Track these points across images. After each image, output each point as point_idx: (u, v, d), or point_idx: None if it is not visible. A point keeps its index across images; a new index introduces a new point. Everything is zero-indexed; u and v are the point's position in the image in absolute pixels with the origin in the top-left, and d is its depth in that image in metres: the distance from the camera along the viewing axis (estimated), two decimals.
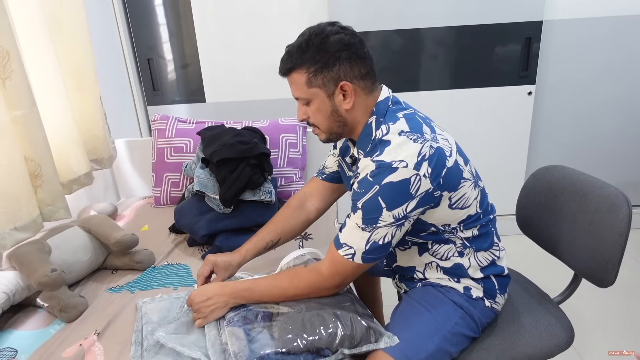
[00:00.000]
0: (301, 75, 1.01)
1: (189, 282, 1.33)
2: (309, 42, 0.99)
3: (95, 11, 2.07)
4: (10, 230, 1.25)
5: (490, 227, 1.12)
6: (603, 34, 2.39)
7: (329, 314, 0.97)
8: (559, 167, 1.33)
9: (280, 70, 1.06)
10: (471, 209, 1.05)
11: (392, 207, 0.94)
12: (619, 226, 1.07)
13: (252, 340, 0.93)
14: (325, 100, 1.02)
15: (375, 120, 1.03)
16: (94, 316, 1.18)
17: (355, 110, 1.04)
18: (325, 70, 0.99)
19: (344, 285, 1.07)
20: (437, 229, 1.06)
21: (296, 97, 1.06)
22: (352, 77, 1.00)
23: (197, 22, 2.39)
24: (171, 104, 2.57)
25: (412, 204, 0.95)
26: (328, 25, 1.01)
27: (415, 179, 0.93)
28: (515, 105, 2.46)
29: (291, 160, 1.93)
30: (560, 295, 1.31)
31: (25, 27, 1.40)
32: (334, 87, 1.00)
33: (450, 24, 2.33)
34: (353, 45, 0.99)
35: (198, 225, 1.49)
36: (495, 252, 1.13)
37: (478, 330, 1.12)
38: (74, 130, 1.59)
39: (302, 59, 1.00)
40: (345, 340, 0.93)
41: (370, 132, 1.03)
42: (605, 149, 2.62)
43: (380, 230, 0.96)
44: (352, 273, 1.03)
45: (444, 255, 1.11)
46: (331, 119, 1.05)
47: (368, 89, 1.04)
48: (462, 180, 1.01)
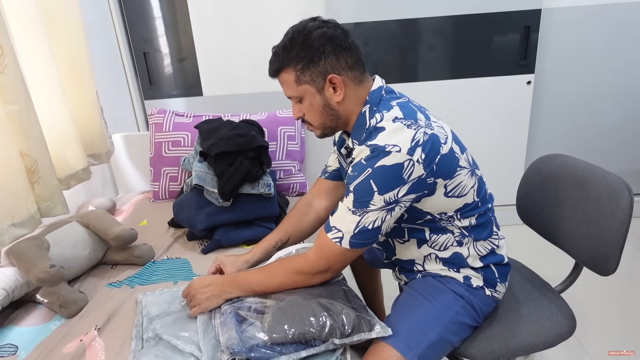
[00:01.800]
0: (289, 74, 1.02)
1: (189, 276, 1.32)
2: (293, 40, 1.01)
3: (89, 5, 2.04)
4: (8, 227, 1.24)
5: (489, 216, 1.12)
6: (602, 22, 2.37)
7: (319, 304, 0.97)
8: (559, 155, 1.33)
9: (269, 73, 1.07)
10: (468, 197, 1.04)
11: (384, 190, 0.94)
12: (620, 214, 1.06)
13: (243, 332, 0.93)
14: (316, 95, 1.03)
15: (369, 109, 1.03)
16: (94, 311, 1.18)
17: (347, 101, 1.04)
18: (311, 65, 1.00)
19: (332, 272, 1.06)
20: (433, 217, 1.06)
21: (288, 96, 1.07)
22: (340, 69, 1.01)
23: (193, 14, 2.36)
24: (168, 97, 2.55)
25: (404, 189, 0.94)
26: (310, 22, 1.02)
27: (408, 164, 0.92)
28: (515, 94, 2.45)
29: (290, 152, 1.92)
30: (562, 284, 1.31)
31: (18, 21, 1.39)
32: (322, 81, 1.01)
33: (448, 14, 2.31)
34: (336, 38, 1.00)
35: (197, 219, 1.48)
36: (494, 241, 1.12)
37: (479, 319, 1.12)
38: (70, 125, 1.58)
39: (287, 58, 1.01)
40: (334, 330, 0.93)
41: (364, 122, 1.03)
42: (605, 137, 2.61)
43: (370, 214, 0.96)
44: (339, 259, 1.02)
45: (443, 245, 1.11)
46: (324, 114, 1.05)
47: (357, 79, 1.04)
48: (458, 168, 1.01)
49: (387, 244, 1.21)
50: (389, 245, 1.21)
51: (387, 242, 1.21)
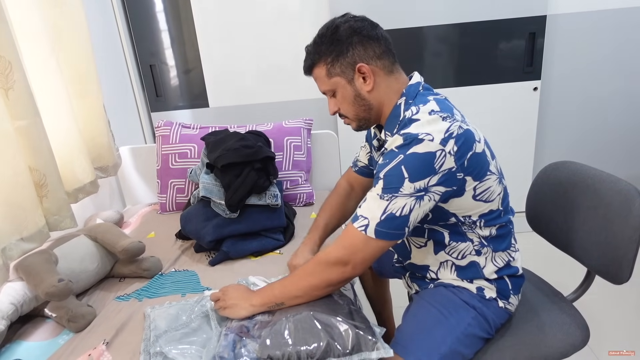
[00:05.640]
0: (321, 68, 1.06)
1: (197, 288, 1.32)
2: (322, 36, 1.05)
3: (96, 19, 2.07)
4: (17, 241, 1.24)
5: (509, 228, 1.11)
6: (608, 27, 2.36)
7: (320, 321, 0.94)
8: (568, 162, 1.31)
9: (304, 70, 1.11)
10: (494, 203, 1.04)
11: (415, 178, 0.92)
12: (632, 221, 1.05)
13: (240, 347, 0.92)
14: (346, 86, 1.05)
15: (405, 101, 1.04)
16: (102, 325, 1.17)
17: (377, 91, 1.05)
18: (340, 57, 1.02)
19: (352, 266, 0.98)
20: (458, 219, 1.04)
21: (322, 91, 1.10)
22: (368, 59, 1.02)
23: (199, 27, 2.39)
24: (174, 109, 2.57)
25: (435, 179, 0.92)
26: (338, 18, 1.05)
27: (441, 154, 0.91)
28: (521, 101, 2.44)
29: (296, 162, 1.92)
30: (574, 292, 1.29)
31: (26, 37, 1.40)
32: (352, 72, 1.03)
33: (453, 22, 2.31)
34: (363, 29, 1.02)
35: (204, 231, 1.48)
36: (511, 253, 1.11)
37: (492, 332, 1.10)
38: (78, 139, 1.59)
39: (318, 53, 1.05)
40: (331, 350, 0.89)
41: (398, 113, 1.04)
42: (613, 142, 2.59)
43: (399, 199, 0.93)
44: (360, 248, 0.96)
45: (461, 254, 1.09)
46: (356, 104, 1.07)
47: (387, 68, 1.05)
48: (488, 172, 1.00)
49: (403, 245, 1.20)
50: (404, 247, 1.19)
51: (403, 243, 1.20)
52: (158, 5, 2.37)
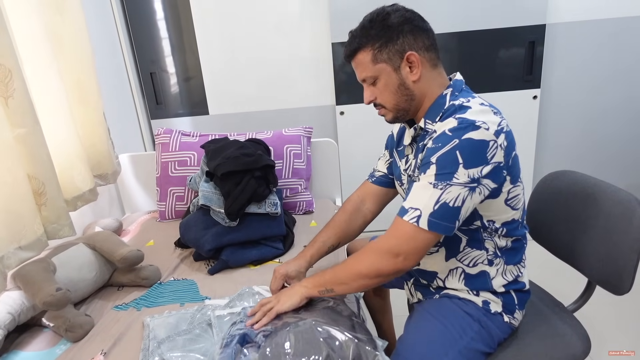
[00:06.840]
0: (366, 53, 1.02)
1: (196, 298, 1.31)
2: (372, 21, 1.01)
3: (97, 27, 2.07)
4: (15, 250, 1.24)
5: (522, 243, 1.10)
6: (607, 36, 2.38)
7: (321, 332, 0.93)
8: (568, 172, 1.31)
9: (345, 54, 1.07)
10: (518, 212, 1.03)
11: (469, 165, 0.89)
12: (633, 231, 1.04)
13: (241, 356, 0.91)
14: (392, 74, 1.02)
15: (451, 92, 1.03)
16: (100, 335, 1.16)
17: (422, 82, 1.03)
18: (389, 44, 1.00)
19: (403, 257, 0.95)
20: (482, 223, 1.03)
21: (362, 78, 1.06)
22: (417, 49, 1.01)
23: (199, 35, 2.39)
24: (174, 117, 2.57)
25: (486, 170, 0.91)
26: (388, 6, 1.03)
27: (493, 144, 0.91)
28: (521, 109, 2.45)
29: (296, 171, 1.91)
30: (574, 303, 1.28)
31: (26, 45, 1.41)
32: (399, 59, 1.01)
33: (453, 30, 2.32)
34: (414, 19, 1.01)
35: (204, 240, 1.47)
36: (521, 269, 1.11)
37: (494, 346, 1.08)
38: (77, 146, 1.59)
39: (367, 37, 1.01)
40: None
41: (443, 102, 1.02)
42: (613, 151, 2.59)
43: (453, 188, 0.90)
44: (411, 238, 0.93)
45: (473, 261, 1.08)
46: (398, 93, 1.04)
47: (433, 61, 1.04)
48: (519, 179, 1.00)
49: None
50: None
51: None
52: (159, 13, 2.38)
